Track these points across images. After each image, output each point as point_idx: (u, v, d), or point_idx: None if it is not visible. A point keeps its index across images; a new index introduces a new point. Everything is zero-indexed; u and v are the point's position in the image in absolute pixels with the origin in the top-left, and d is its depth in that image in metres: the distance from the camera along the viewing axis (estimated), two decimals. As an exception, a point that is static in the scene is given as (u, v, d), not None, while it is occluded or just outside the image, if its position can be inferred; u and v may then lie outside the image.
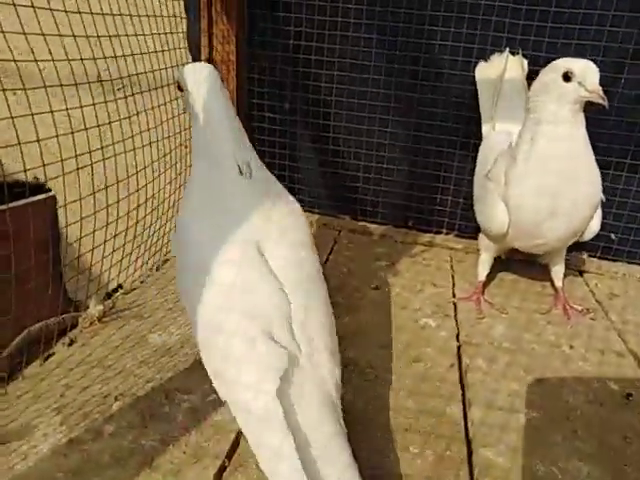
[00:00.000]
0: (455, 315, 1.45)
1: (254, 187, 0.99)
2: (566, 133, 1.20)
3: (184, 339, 1.26)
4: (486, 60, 1.62)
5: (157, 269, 1.63)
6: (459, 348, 1.28)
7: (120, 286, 1.52)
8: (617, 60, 1.60)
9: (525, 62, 1.58)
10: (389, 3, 1.72)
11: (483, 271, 1.56)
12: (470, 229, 1.91)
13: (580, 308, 1.53)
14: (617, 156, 1.71)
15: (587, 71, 1.16)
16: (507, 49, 1.57)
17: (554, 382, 1.19)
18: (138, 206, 1.55)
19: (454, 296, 1.55)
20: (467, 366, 1.21)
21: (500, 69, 1.55)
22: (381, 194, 1.98)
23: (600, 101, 1.15)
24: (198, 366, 1.11)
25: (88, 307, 1.31)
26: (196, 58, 1.82)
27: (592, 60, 1.20)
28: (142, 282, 1.54)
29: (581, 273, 1.80)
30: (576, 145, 1.22)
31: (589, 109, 1.23)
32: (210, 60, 1.79)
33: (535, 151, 1.23)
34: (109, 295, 1.47)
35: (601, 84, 1.17)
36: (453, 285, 1.63)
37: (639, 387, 1.19)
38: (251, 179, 0.99)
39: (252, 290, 0.87)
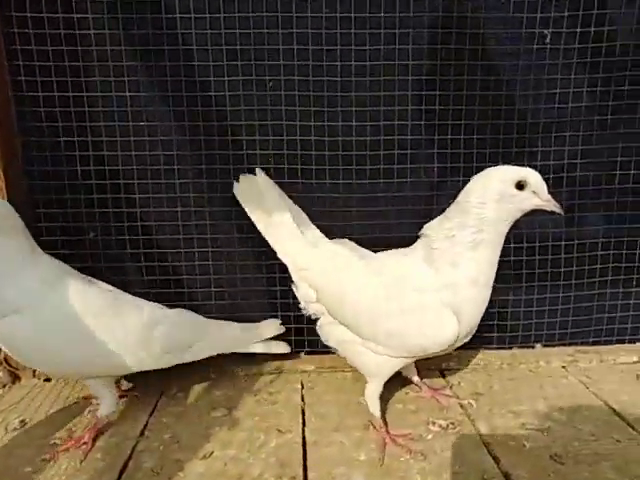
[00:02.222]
0: (305, 472, 1.18)
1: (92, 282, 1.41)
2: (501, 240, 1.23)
3: None
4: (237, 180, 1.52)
5: None
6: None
7: None
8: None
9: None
10: (200, 117, 1.58)
11: (378, 404, 1.34)
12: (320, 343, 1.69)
13: (445, 424, 1.36)
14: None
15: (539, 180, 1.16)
16: (257, 169, 1.50)
17: None
18: None
19: (304, 443, 1.28)
20: None
21: (261, 187, 1.48)
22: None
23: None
24: None
25: None
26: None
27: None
28: None
29: (442, 373, 1.65)
30: None
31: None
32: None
33: (480, 256, 1.21)
34: None
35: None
36: (303, 425, 1.36)
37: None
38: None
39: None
